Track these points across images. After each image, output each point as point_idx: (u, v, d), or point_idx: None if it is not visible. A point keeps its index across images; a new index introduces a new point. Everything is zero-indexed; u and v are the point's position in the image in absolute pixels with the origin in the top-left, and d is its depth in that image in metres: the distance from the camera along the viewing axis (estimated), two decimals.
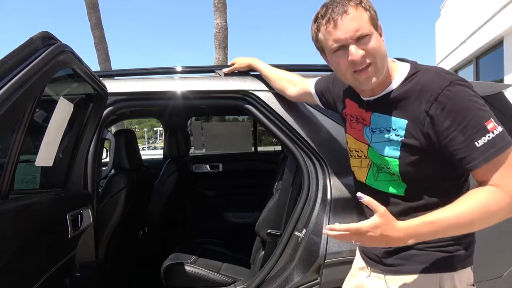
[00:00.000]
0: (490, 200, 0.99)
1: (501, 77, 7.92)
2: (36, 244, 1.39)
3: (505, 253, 1.73)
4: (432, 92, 1.04)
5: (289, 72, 1.80)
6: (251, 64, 1.93)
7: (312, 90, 1.56)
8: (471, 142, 0.99)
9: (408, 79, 1.11)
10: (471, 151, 1.00)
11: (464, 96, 1.02)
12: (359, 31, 1.05)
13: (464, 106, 1.01)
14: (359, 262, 1.35)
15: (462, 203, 1.00)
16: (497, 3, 7.88)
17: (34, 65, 1.17)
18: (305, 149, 1.82)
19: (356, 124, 1.26)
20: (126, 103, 2.00)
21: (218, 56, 8.14)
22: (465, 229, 1.04)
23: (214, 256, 2.49)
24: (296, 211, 1.84)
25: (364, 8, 1.08)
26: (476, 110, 1.01)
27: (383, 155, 1.15)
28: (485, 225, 1.02)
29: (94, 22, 9.64)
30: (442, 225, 1.00)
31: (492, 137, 0.99)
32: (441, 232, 1.02)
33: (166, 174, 3.27)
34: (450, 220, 0.99)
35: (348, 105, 1.30)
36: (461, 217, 0.99)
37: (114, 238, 2.40)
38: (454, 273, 1.13)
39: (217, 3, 8.13)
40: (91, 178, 1.91)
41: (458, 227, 1.01)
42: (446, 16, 12.23)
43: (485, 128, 0.99)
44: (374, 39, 1.07)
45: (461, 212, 0.99)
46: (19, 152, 1.25)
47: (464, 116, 1.00)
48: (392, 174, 1.15)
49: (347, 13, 1.05)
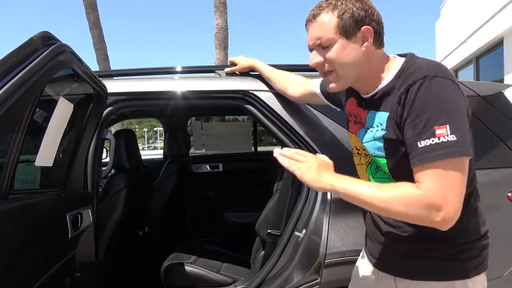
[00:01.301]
0: (408, 199, 1.00)
1: (501, 77, 7.92)
2: (36, 244, 1.39)
3: (505, 253, 1.73)
4: (407, 83, 1.03)
5: (290, 73, 1.80)
6: (253, 65, 1.94)
7: (318, 90, 1.57)
8: (415, 141, 0.99)
9: (397, 74, 1.11)
10: (412, 149, 1.00)
11: (432, 93, 1.00)
12: (319, 39, 1.11)
13: (424, 102, 0.99)
14: (366, 263, 1.33)
15: (388, 189, 1.04)
16: (497, 3, 7.88)
17: (34, 65, 1.17)
18: (305, 149, 1.82)
19: (354, 124, 1.27)
20: (126, 103, 2.00)
21: (218, 56, 8.13)
22: (374, 210, 1.09)
23: (214, 256, 2.49)
24: (296, 211, 1.84)
25: (336, 15, 1.09)
26: (434, 110, 0.98)
27: (373, 155, 1.16)
28: (389, 215, 1.08)
29: (93, 22, 9.64)
30: (356, 197, 1.06)
31: (435, 143, 0.96)
32: (353, 200, 1.08)
33: (166, 174, 3.27)
34: (364, 197, 1.04)
35: (350, 102, 1.31)
36: (375, 199, 1.03)
37: (114, 238, 2.40)
38: (467, 280, 1.11)
39: (218, 3, 8.13)
40: (91, 178, 1.91)
41: (368, 205, 1.06)
42: (446, 16, 12.23)
43: (433, 132, 0.97)
44: (336, 48, 1.09)
45: (377, 196, 1.03)
46: (19, 152, 1.25)
47: (420, 113, 0.99)
48: (385, 172, 1.15)
49: (315, 19, 1.11)
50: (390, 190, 1.03)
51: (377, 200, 1.02)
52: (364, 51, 1.10)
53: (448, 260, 1.11)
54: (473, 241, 1.12)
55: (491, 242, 1.18)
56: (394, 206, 1.01)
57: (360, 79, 1.15)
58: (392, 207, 1.01)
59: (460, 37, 10.21)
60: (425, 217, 0.98)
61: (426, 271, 1.12)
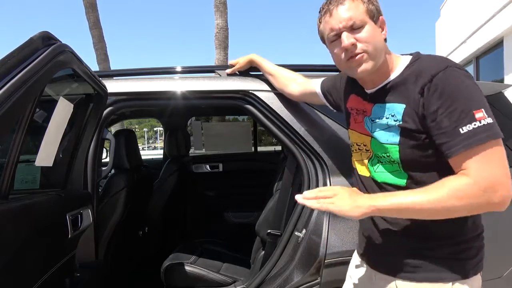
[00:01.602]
0: (461, 191, 0.98)
1: (501, 77, 7.91)
2: (36, 244, 1.39)
3: (505, 253, 1.73)
4: (428, 74, 1.05)
5: (290, 71, 1.81)
6: (252, 59, 1.93)
7: (318, 89, 1.58)
8: (456, 128, 0.99)
9: (409, 65, 1.13)
10: (453, 137, 0.99)
11: (458, 82, 1.02)
12: (351, 20, 1.11)
13: (455, 90, 1.01)
14: (360, 265, 1.33)
15: (433, 189, 1.00)
16: (497, 3, 7.88)
17: (34, 65, 1.16)
18: (305, 149, 1.82)
19: (357, 116, 1.27)
20: (126, 103, 2.00)
21: (218, 56, 8.14)
22: (428, 215, 1.04)
23: (214, 256, 2.49)
24: (296, 211, 1.84)
25: (361, 1, 1.13)
26: (467, 96, 1.00)
27: (383, 143, 1.15)
28: (448, 215, 1.03)
29: (93, 21, 9.65)
30: (404, 208, 1.02)
31: (478, 126, 0.97)
32: (404, 214, 1.05)
33: (166, 174, 3.27)
34: (414, 204, 1.01)
35: (352, 99, 1.31)
36: (429, 203, 0.99)
37: (114, 238, 2.40)
38: (466, 280, 1.11)
39: (218, 4, 8.13)
40: (91, 178, 1.91)
41: (418, 212, 1.02)
42: (446, 16, 12.23)
43: (473, 116, 0.98)
44: (367, 29, 1.11)
45: (428, 199, 0.99)
46: (19, 152, 1.25)
47: (453, 100, 1.00)
48: (392, 162, 1.14)
49: (342, 3, 1.12)
50: (437, 190, 1.00)
51: (429, 203, 0.99)
52: (384, 38, 1.15)
53: (448, 259, 1.11)
54: (471, 239, 1.13)
55: (492, 242, 1.19)
56: (450, 203, 0.98)
57: (378, 68, 1.16)
58: (447, 204, 0.99)
59: (460, 37, 10.21)
60: (485, 203, 0.98)
61: (427, 272, 1.12)
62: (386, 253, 1.20)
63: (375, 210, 1.04)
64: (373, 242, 1.25)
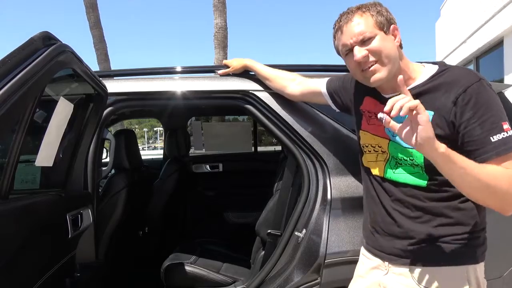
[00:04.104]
0: (510, 177, 1.04)
1: (501, 77, 7.92)
2: (36, 244, 1.39)
3: (505, 253, 1.73)
4: (461, 84, 1.11)
5: (286, 71, 1.80)
6: (247, 65, 1.91)
7: (323, 89, 1.59)
8: (487, 136, 1.07)
9: (437, 74, 1.19)
10: (485, 144, 1.07)
11: (488, 94, 1.11)
12: (361, 34, 1.19)
13: (487, 102, 1.09)
14: (369, 262, 1.35)
15: (489, 168, 1.05)
16: (497, 3, 7.88)
17: (34, 65, 1.17)
18: (305, 149, 1.82)
19: (371, 119, 1.30)
20: (126, 103, 1.99)
21: (217, 56, 8.14)
22: (473, 185, 1.05)
23: (214, 256, 2.49)
24: (296, 211, 1.84)
25: (370, 14, 1.20)
26: (496, 109, 1.09)
27: (407, 148, 1.19)
28: (488, 195, 1.06)
29: (93, 21, 9.65)
30: (465, 167, 1.03)
31: (506, 136, 1.06)
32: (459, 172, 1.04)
33: (166, 174, 3.27)
34: (473, 170, 1.03)
35: (366, 101, 1.34)
36: (485, 175, 1.03)
37: (114, 238, 2.40)
38: (477, 265, 1.19)
39: (217, 3, 8.13)
40: (91, 178, 1.91)
41: (474, 179, 1.03)
42: (446, 16, 12.23)
43: (501, 127, 1.07)
44: (378, 39, 1.18)
45: (487, 172, 1.04)
46: (19, 152, 1.25)
47: (485, 111, 1.08)
48: (415, 165, 1.19)
49: (351, 20, 1.20)
50: (494, 169, 1.05)
51: (487, 175, 1.03)
52: (397, 46, 1.22)
53: (462, 245, 1.18)
54: (479, 230, 1.21)
55: (492, 242, 1.23)
56: (501, 183, 1.03)
57: (395, 75, 1.19)
58: (498, 184, 1.03)
59: (460, 37, 10.21)
60: None
61: (442, 257, 1.18)
62: (402, 244, 1.24)
63: (445, 153, 1.01)
64: (384, 232, 1.28)
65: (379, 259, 1.30)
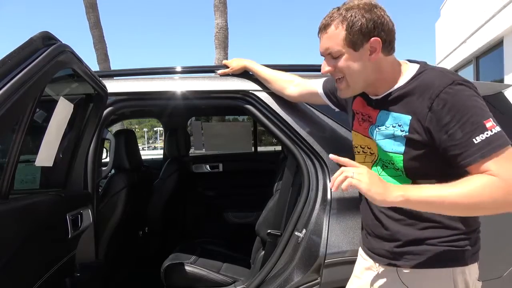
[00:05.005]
0: (492, 187, 0.99)
1: (501, 77, 7.91)
2: (36, 244, 1.39)
3: (505, 253, 1.73)
4: (435, 89, 1.08)
5: (285, 73, 1.81)
6: (246, 66, 1.92)
7: (320, 90, 1.59)
8: (469, 139, 1.02)
9: (414, 77, 1.16)
10: (468, 147, 1.02)
11: (465, 95, 1.06)
12: (328, 50, 1.18)
13: (464, 104, 1.05)
14: (364, 262, 1.35)
15: (463, 185, 1.01)
16: (497, 3, 7.88)
17: (34, 65, 1.17)
18: (305, 149, 1.82)
19: (363, 122, 1.29)
20: (126, 103, 2.00)
21: (218, 56, 8.13)
22: (455, 210, 1.05)
23: (214, 256, 2.49)
24: (296, 211, 1.84)
25: (343, 28, 1.13)
26: (475, 108, 1.04)
27: (388, 151, 1.18)
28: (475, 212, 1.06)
29: (93, 21, 9.64)
30: (435, 201, 1.02)
31: (490, 135, 1.01)
32: (431, 207, 1.05)
33: (166, 174, 3.27)
34: (444, 198, 1.01)
35: (356, 101, 1.33)
36: (459, 197, 1.00)
37: (114, 238, 2.40)
38: (465, 267, 1.17)
39: (218, 3, 8.13)
40: (91, 178, 1.91)
41: (448, 206, 1.02)
42: (446, 16, 12.23)
43: (484, 126, 1.02)
44: (344, 59, 1.16)
45: (458, 193, 1.00)
46: (19, 152, 1.25)
47: (463, 113, 1.04)
48: (397, 169, 1.18)
49: (325, 31, 1.17)
50: (468, 185, 1.01)
51: (460, 198, 1.00)
52: (372, 61, 1.15)
53: (449, 247, 1.16)
54: (470, 232, 1.18)
55: (492, 242, 1.21)
56: (479, 199, 1.00)
57: (370, 85, 1.21)
58: (477, 200, 1.00)
59: (460, 37, 10.21)
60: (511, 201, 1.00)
61: (428, 259, 1.16)
62: (389, 246, 1.23)
63: (403, 201, 1.03)
64: (377, 238, 1.28)
65: (372, 260, 1.31)
